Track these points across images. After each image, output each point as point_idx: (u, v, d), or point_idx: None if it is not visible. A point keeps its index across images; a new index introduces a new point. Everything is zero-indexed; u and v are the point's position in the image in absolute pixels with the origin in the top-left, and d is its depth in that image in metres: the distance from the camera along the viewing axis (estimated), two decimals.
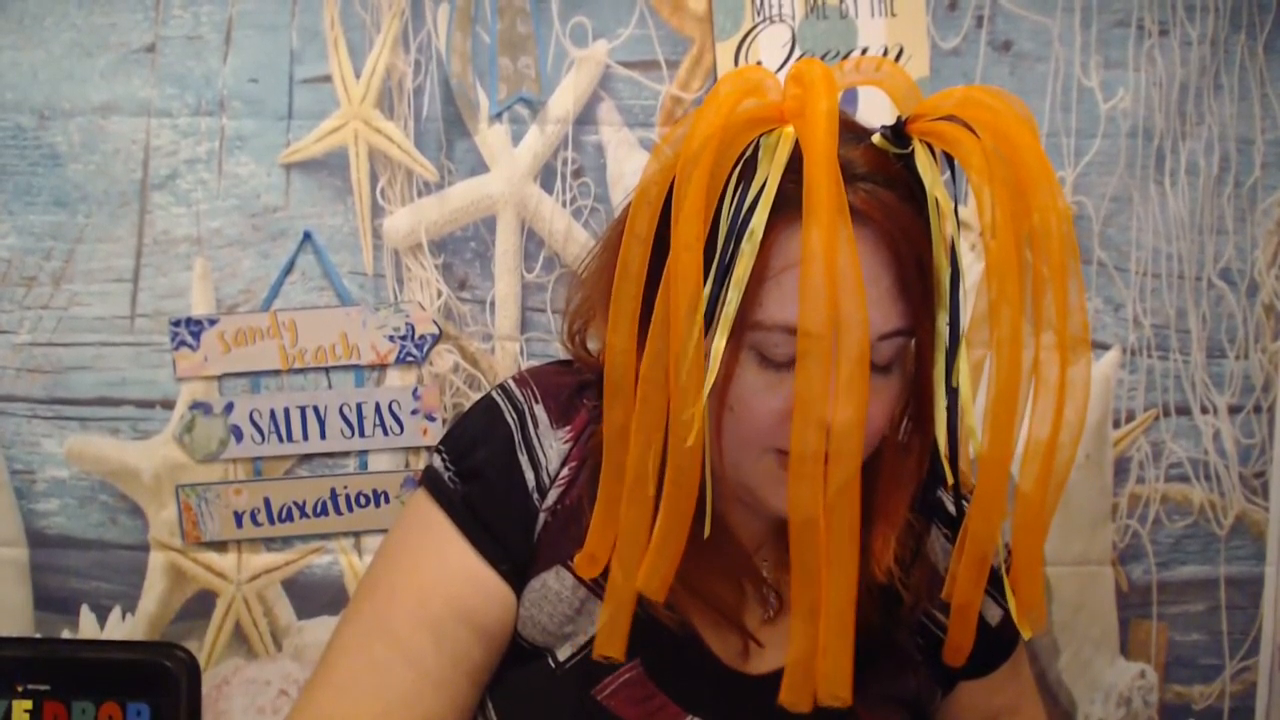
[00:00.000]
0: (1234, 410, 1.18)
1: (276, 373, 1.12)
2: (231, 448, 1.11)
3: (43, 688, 1.03)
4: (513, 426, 0.68)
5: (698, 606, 0.66)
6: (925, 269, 0.57)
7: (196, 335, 1.10)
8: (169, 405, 1.11)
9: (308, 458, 1.12)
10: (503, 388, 0.71)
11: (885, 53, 1.12)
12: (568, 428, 0.68)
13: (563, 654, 0.66)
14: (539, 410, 0.68)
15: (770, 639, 0.68)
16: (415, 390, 1.11)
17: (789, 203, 0.55)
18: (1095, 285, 1.16)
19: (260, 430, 1.11)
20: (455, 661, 0.64)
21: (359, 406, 1.11)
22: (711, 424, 0.60)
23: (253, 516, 1.12)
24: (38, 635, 1.11)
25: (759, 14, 1.11)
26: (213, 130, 1.11)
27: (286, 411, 1.11)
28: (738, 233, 0.55)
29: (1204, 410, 1.18)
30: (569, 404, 0.69)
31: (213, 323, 1.11)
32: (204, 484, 1.11)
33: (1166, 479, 1.18)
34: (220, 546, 1.12)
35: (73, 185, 1.10)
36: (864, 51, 1.12)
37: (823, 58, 1.12)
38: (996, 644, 0.73)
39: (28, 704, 1.02)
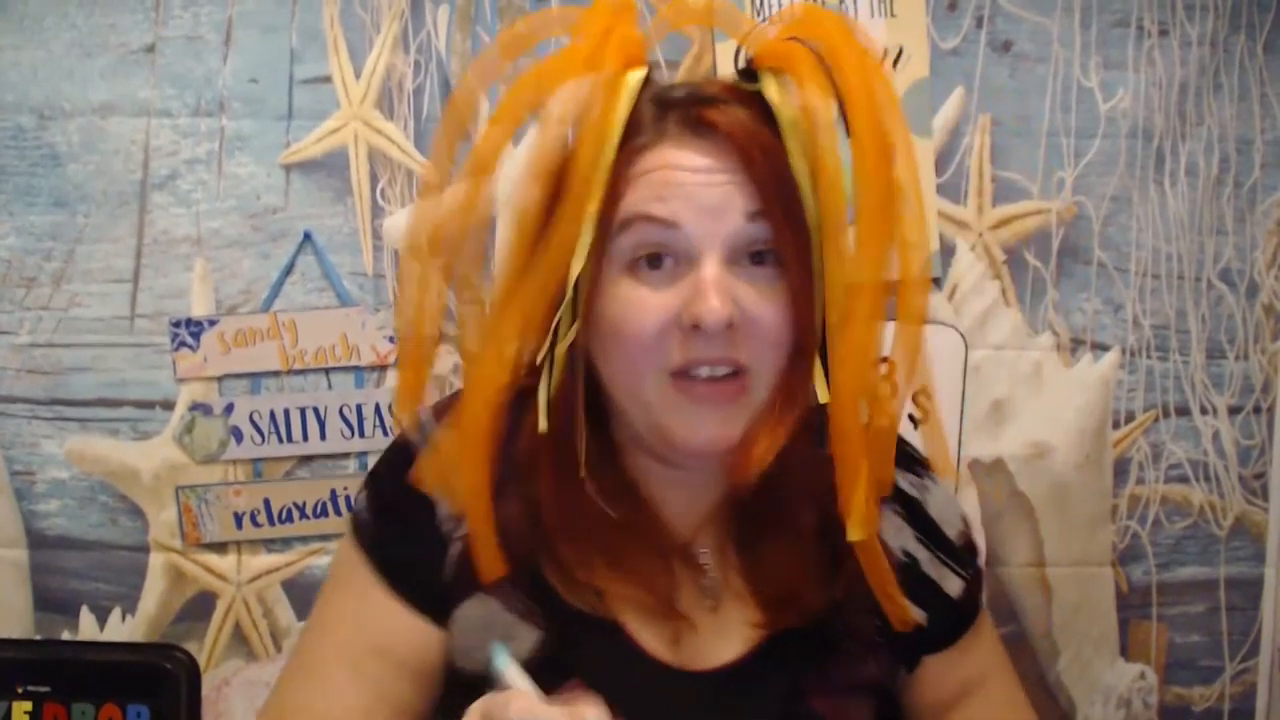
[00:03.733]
0: (1233, 411, 1.18)
1: (276, 373, 1.11)
2: (231, 449, 1.11)
3: (43, 689, 1.03)
4: (426, 431, 0.68)
5: (627, 593, 0.65)
6: (781, 168, 0.59)
7: (196, 336, 1.10)
8: (169, 406, 1.11)
9: (308, 459, 1.12)
10: (419, 420, 0.71)
11: (885, 53, 1.12)
12: None
13: (499, 682, 0.65)
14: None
15: (712, 631, 0.66)
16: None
17: (640, 128, 0.60)
18: (1095, 285, 1.16)
19: (260, 431, 1.11)
20: (380, 698, 0.66)
21: (359, 407, 1.11)
22: (603, 363, 0.62)
23: (253, 518, 1.12)
24: (38, 636, 1.11)
25: (759, 14, 1.11)
26: (213, 130, 1.11)
27: (286, 412, 1.11)
28: (584, 169, 0.58)
29: (1203, 411, 1.18)
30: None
31: (213, 323, 1.11)
32: (204, 485, 1.11)
33: (1166, 480, 1.18)
34: (220, 548, 1.12)
35: (73, 185, 1.10)
36: None
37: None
38: (957, 616, 0.72)
39: (28, 705, 1.02)
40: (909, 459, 0.73)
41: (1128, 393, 1.17)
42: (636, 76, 0.60)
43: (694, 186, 0.58)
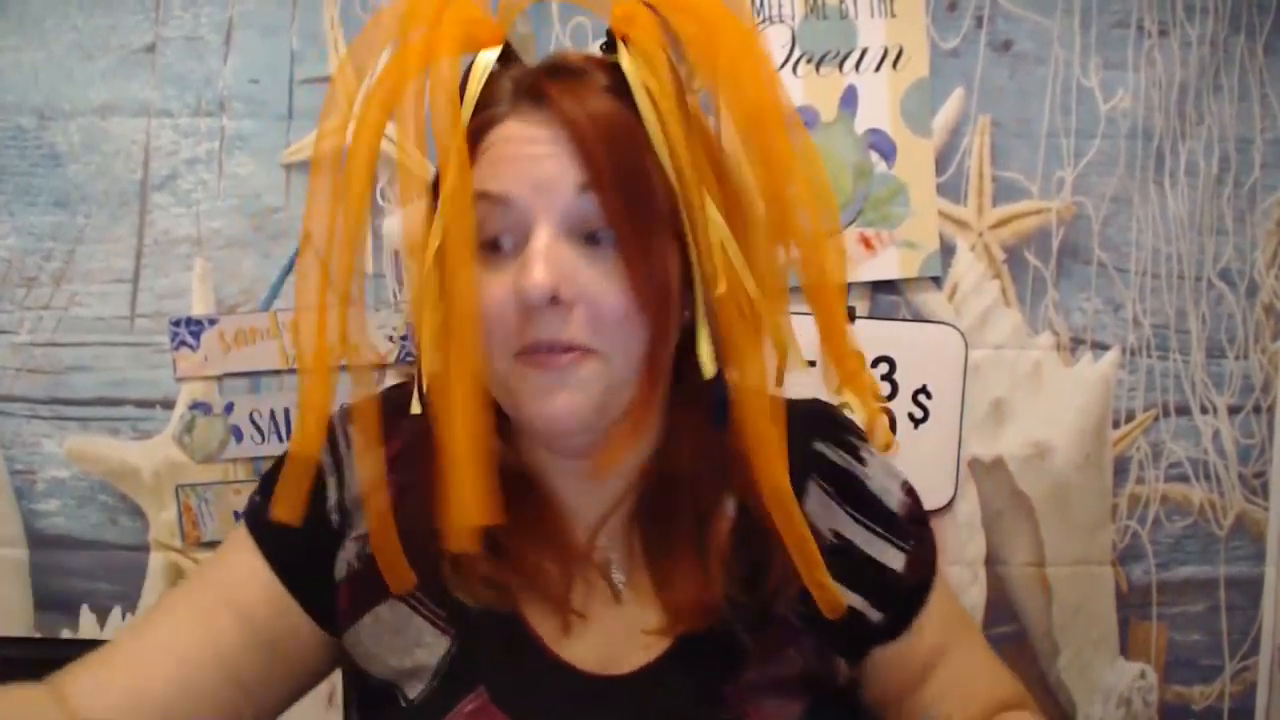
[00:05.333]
0: (1234, 410, 1.18)
1: (276, 373, 1.12)
2: (231, 448, 1.11)
3: None
4: (324, 447, 0.67)
5: (526, 591, 0.63)
6: (620, 142, 0.57)
7: (196, 335, 1.10)
8: (169, 405, 1.11)
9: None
10: (336, 412, 0.70)
11: (885, 53, 1.12)
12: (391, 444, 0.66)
13: (411, 691, 0.64)
14: (351, 430, 0.67)
15: (622, 633, 0.64)
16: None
17: (495, 104, 0.59)
18: (1095, 285, 1.16)
19: (260, 430, 1.11)
20: (211, 647, 0.63)
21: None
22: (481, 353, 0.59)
23: None
24: (38, 635, 1.11)
25: (759, 14, 1.11)
26: (213, 130, 1.11)
27: (286, 412, 1.11)
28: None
29: (1204, 410, 1.18)
30: (386, 424, 0.65)
31: (213, 323, 1.11)
32: (204, 484, 1.11)
33: (1166, 479, 1.18)
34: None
35: (73, 185, 1.10)
36: (864, 52, 1.12)
37: (822, 58, 1.12)
38: (905, 596, 0.68)
39: None
40: (843, 429, 0.70)
41: (1128, 392, 1.17)
42: (486, 56, 0.60)
43: (526, 160, 0.57)
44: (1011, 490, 1.16)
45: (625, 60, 0.58)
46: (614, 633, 0.64)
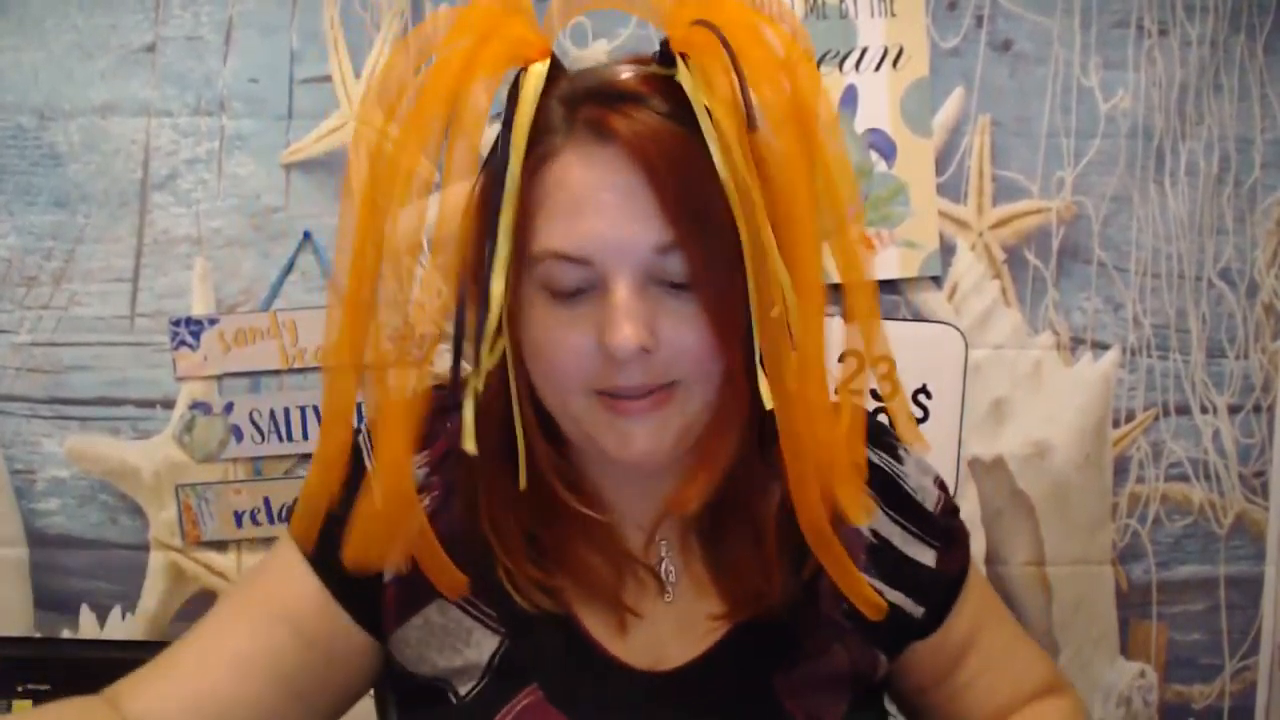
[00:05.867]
0: (1234, 410, 1.18)
1: (276, 373, 1.12)
2: (231, 447, 1.11)
3: (43, 688, 1.03)
4: (365, 453, 0.67)
5: (580, 592, 0.63)
6: (695, 183, 0.55)
7: (196, 335, 1.10)
8: (169, 405, 1.11)
9: (308, 457, 1.12)
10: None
11: (885, 52, 1.12)
12: (424, 453, 0.67)
13: (463, 688, 0.64)
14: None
15: (674, 628, 0.64)
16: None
17: (550, 132, 0.56)
18: (1095, 285, 1.16)
19: (260, 430, 1.11)
20: (269, 654, 0.64)
21: (359, 406, 1.11)
22: (526, 378, 0.60)
23: (253, 516, 1.12)
24: (38, 635, 1.11)
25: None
26: (213, 130, 1.11)
27: (286, 411, 1.11)
28: (499, 178, 0.55)
29: (1204, 410, 1.18)
30: (425, 429, 0.65)
31: (213, 323, 1.11)
32: (204, 484, 1.11)
33: (1166, 479, 1.18)
34: (220, 546, 1.12)
35: (73, 185, 1.10)
36: (864, 52, 1.12)
37: (823, 58, 1.12)
38: (941, 589, 0.69)
39: (28, 704, 1.02)
40: (879, 431, 0.71)
41: (1128, 391, 1.17)
42: (539, 71, 0.56)
43: (603, 215, 0.54)
44: (1011, 490, 1.16)
45: (687, 82, 0.55)
46: (664, 629, 0.65)
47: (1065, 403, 1.16)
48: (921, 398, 1.14)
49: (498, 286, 0.56)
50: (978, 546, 1.16)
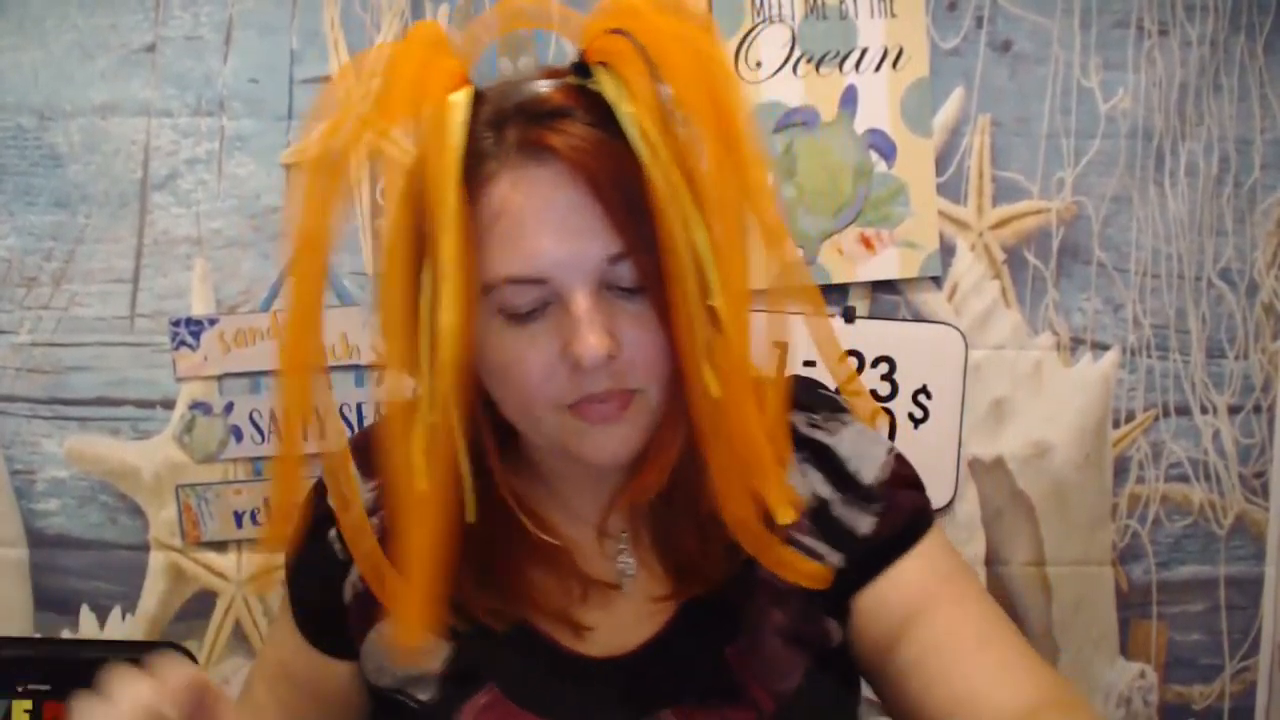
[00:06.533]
0: (1234, 410, 1.18)
1: (276, 373, 1.11)
2: (231, 448, 1.11)
3: (43, 688, 1.03)
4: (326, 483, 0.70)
5: (524, 604, 0.66)
6: (633, 189, 0.56)
7: (196, 335, 1.11)
8: (169, 405, 1.11)
9: (307, 458, 1.12)
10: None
11: (885, 53, 1.12)
12: (375, 480, 0.68)
13: (422, 695, 0.66)
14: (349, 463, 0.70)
15: (629, 613, 0.66)
16: (414, 391, 1.11)
17: (481, 157, 0.56)
18: (1095, 285, 1.16)
19: (260, 430, 1.11)
20: (290, 714, 0.74)
21: (359, 407, 1.11)
22: (494, 392, 0.61)
23: (253, 516, 1.12)
24: (38, 635, 1.11)
25: (759, 14, 1.11)
26: (213, 130, 1.11)
27: None
28: (432, 212, 0.55)
29: (1204, 410, 1.18)
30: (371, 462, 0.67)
31: (213, 323, 1.11)
32: (204, 484, 1.11)
33: (1166, 479, 1.18)
34: (220, 546, 1.12)
35: (73, 185, 1.10)
36: (864, 52, 1.12)
37: (822, 58, 1.12)
38: (874, 551, 0.67)
39: (27, 704, 1.02)
40: (824, 403, 0.72)
41: (1128, 392, 1.17)
42: (459, 101, 0.56)
43: (550, 233, 0.55)
44: (1011, 490, 1.16)
45: (609, 89, 0.56)
46: (620, 619, 0.66)
47: (1065, 403, 1.16)
48: (921, 398, 1.14)
49: (449, 319, 0.56)
50: (978, 547, 1.17)
